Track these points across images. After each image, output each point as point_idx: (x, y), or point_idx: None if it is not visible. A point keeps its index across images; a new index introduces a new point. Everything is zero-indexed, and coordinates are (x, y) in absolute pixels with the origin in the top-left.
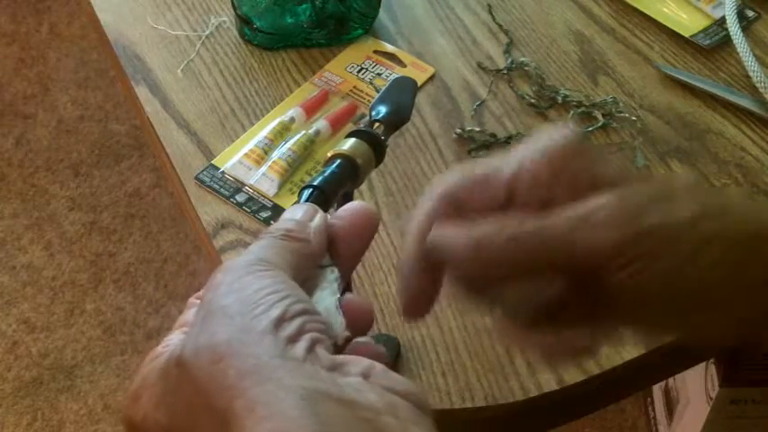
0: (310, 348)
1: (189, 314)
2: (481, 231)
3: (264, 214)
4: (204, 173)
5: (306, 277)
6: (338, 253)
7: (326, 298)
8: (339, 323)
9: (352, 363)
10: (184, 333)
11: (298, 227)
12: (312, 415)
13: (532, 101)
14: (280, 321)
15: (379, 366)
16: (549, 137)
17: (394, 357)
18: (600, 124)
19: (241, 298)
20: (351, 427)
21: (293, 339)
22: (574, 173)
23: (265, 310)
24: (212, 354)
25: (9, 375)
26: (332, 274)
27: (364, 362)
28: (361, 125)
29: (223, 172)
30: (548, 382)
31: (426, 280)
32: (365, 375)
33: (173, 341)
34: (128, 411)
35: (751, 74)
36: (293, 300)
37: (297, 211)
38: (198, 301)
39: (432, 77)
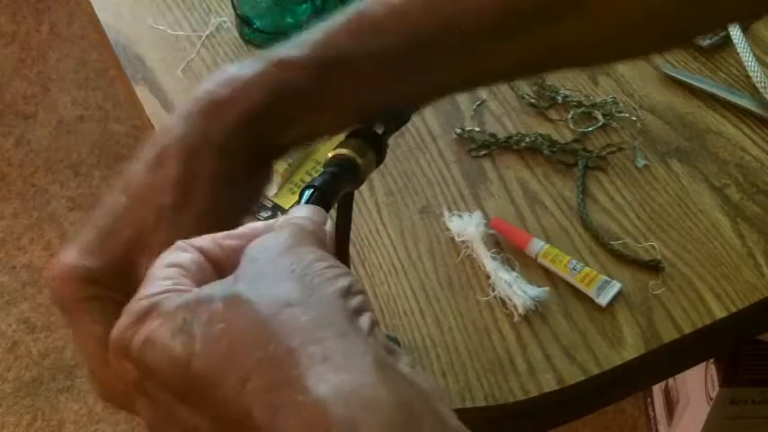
0: (372, 325)
1: (182, 257)
2: None
3: (264, 214)
4: None
5: None
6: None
7: None
8: None
9: (399, 353)
10: (185, 276)
11: (319, 229)
12: (387, 381)
13: (532, 101)
14: (347, 292)
15: (418, 366)
16: None
17: None
18: (600, 124)
19: (306, 261)
20: (417, 403)
21: (358, 312)
22: None
23: (333, 277)
24: (281, 299)
25: (9, 375)
26: None
27: (407, 357)
28: (362, 125)
29: None
30: (548, 382)
31: None
32: (411, 367)
33: (174, 277)
34: (123, 332)
35: (751, 74)
36: (355, 278)
37: (312, 214)
38: (190, 247)
39: None
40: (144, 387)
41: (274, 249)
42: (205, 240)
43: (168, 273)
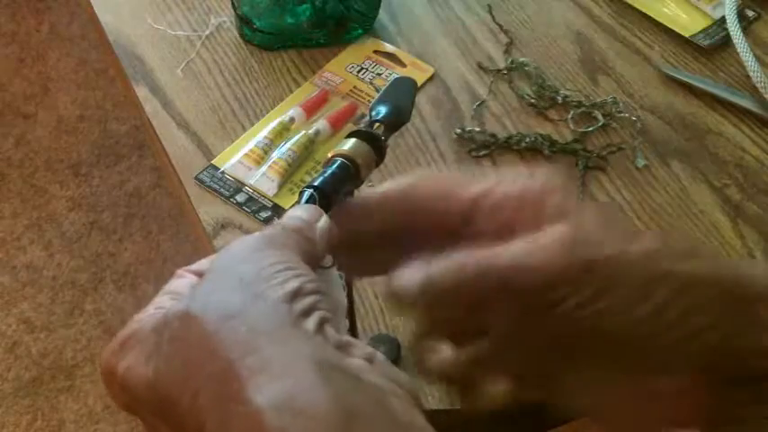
0: (320, 324)
1: (178, 283)
2: (427, 273)
3: (264, 214)
4: (204, 173)
5: None
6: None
7: (340, 300)
8: (344, 327)
9: (357, 346)
10: (175, 300)
11: (307, 226)
12: (325, 381)
13: (532, 101)
14: (294, 295)
15: (380, 355)
16: (529, 174)
17: (394, 357)
18: (600, 124)
19: (258, 267)
20: (360, 401)
21: (306, 314)
22: (540, 206)
23: (282, 282)
24: (224, 310)
25: (9, 375)
26: (340, 279)
27: (367, 348)
28: (361, 125)
29: (223, 172)
30: None
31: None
32: (368, 360)
33: (165, 304)
34: (110, 362)
35: (751, 74)
36: (308, 278)
37: (303, 212)
38: (188, 273)
39: (432, 77)
40: (134, 409)
41: (236, 256)
42: (202, 264)
43: (162, 300)
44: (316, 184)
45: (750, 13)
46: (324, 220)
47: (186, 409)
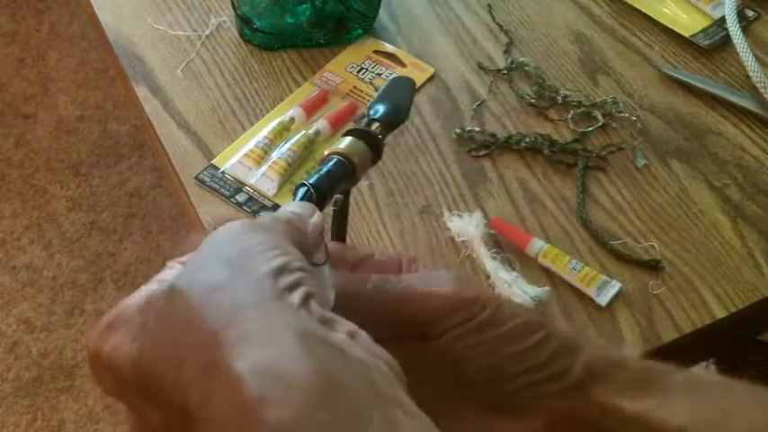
0: (305, 299)
1: (167, 272)
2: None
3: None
4: (204, 173)
5: None
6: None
7: (331, 298)
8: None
9: (341, 322)
10: (162, 283)
11: (298, 219)
12: (306, 350)
13: (532, 101)
14: (280, 271)
15: (363, 333)
16: None
17: None
18: (600, 124)
19: (243, 246)
20: (344, 371)
21: (290, 288)
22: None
23: (267, 259)
24: (209, 284)
25: (9, 375)
26: (329, 276)
27: (351, 324)
28: (360, 124)
29: (223, 172)
30: None
31: None
32: (351, 336)
33: (152, 287)
34: (96, 345)
35: (751, 74)
36: (294, 257)
37: (297, 207)
38: (177, 264)
39: (432, 77)
40: (119, 393)
41: (223, 237)
42: (192, 255)
43: (149, 286)
44: (311, 181)
45: (750, 13)
46: (317, 216)
47: (171, 385)
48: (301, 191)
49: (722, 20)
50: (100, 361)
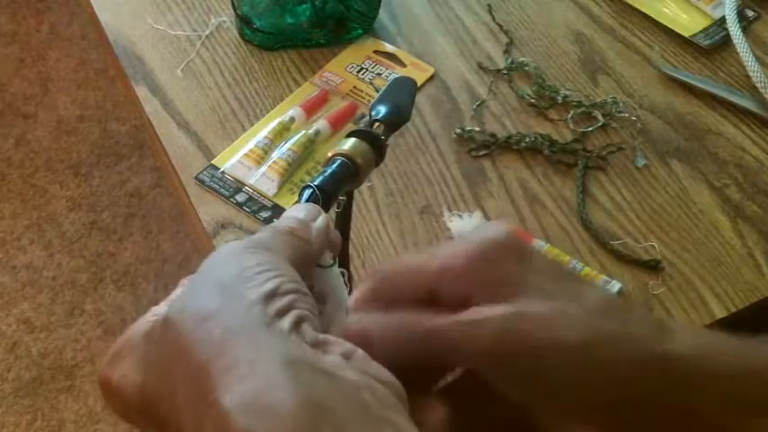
0: (296, 323)
1: (176, 292)
2: (373, 325)
3: (264, 214)
4: (204, 173)
5: (303, 276)
6: None
7: (342, 298)
8: (343, 323)
9: (335, 344)
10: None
11: (301, 226)
12: (293, 378)
13: (532, 101)
14: (271, 295)
15: (360, 352)
16: (480, 236)
17: None
18: (600, 124)
19: (236, 271)
20: (332, 396)
21: (281, 313)
22: (494, 275)
23: (259, 283)
24: (199, 313)
25: (9, 375)
26: (342, 276)
27: (347, 345)
28: (361, 125)
29: (223, 172)
30: None
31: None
32: (346, 356)
33: (160, 311)
34: (105, 372)
35: (751, 74)
36: (287, 279)
37: (300, 211)
38: (188, 281)
39: (432, 77)
40: (128, 416)
41: (218, 260)
42: None
43: (158, 308)
44: (316, 183)
45: (750, 13)
46: (321, 219)
47: (167, 411)
48: (306, 193)
49: (722, 20)
50: (109, 387)
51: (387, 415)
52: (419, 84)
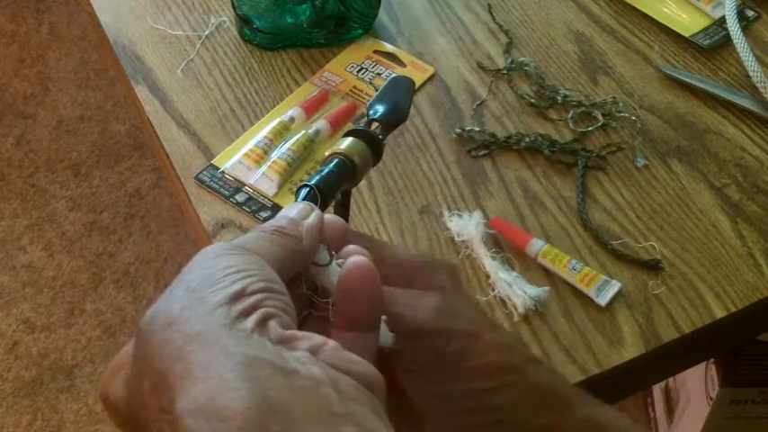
0: (261, 322)
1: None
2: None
3: (264, 214)
4: (204, 173)
5: (295, 273)
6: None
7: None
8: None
9: (303, 338)
10: None
11: (289, 224)
12: (248, 379)
13: (532, 101)
14: (237, 296)
15: (332, 343)
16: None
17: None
18: (600, 124)
19: (206, 274)
20: (287, 394)
21: (246, 313)
22: (429, 277)
23: (225, 285)
24: (165, 319)
25: (9, 375)
26: (337, 274)
27: (316, 338)
28: (360, 124)
29: (223, 172)
30: None
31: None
32: (314, 351)
33: None
34: (103, 387)
35: (751, 74)
36: (258, 278)
37: (291, 209)
38: None
39: (432, 77)
40: (126, 430)
41: (193, 265)
42: None
43: None
44: (312, 182)
45: (750, 13)
46: (313, 217)
47: (145, 421)
48: (303, 192)
49: (722, 20)
50: (107, 402)
51: (349, 410)
52: (419, 84)
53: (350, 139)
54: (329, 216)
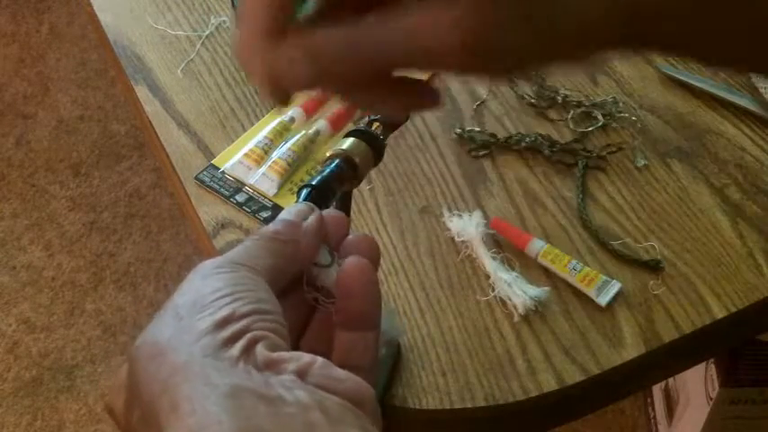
0: (247, 347)
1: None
2: (315, 43)
3: (264, 214)
4: (204, 173)
5: (293, 277)
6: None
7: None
8: None
9: (291, 360)
10: None
11: (285, 228)
12: (233, 410)
13: (532, 101)
14: (224, 322)
15: (320, 361)
16: None
17: (394, 357)
18: (600, 124)
19: (194, 298)
20: (273, 423)
21: (232, 340)
22: None
23: (213, 311)
24: (152, 349)
25: (9, 375)
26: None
27: (304, 358)
28: (360, 125)
29: (223, 172)
30: (548, 381)
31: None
32: (301, 372)
33: None
34: (109, 403)
35: (751, 73)
36: (246, 300)
37: (289, 212)
38: None
39: (431, 77)
40: None
41: (184, 286)
42: None
43: None
44: (313, 183)
45: None
46: (312, 218)
47: None
48: (304, 192)
49: None
50: (112, 415)
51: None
52: None
53: (351, 140)
54: (331, 211)
